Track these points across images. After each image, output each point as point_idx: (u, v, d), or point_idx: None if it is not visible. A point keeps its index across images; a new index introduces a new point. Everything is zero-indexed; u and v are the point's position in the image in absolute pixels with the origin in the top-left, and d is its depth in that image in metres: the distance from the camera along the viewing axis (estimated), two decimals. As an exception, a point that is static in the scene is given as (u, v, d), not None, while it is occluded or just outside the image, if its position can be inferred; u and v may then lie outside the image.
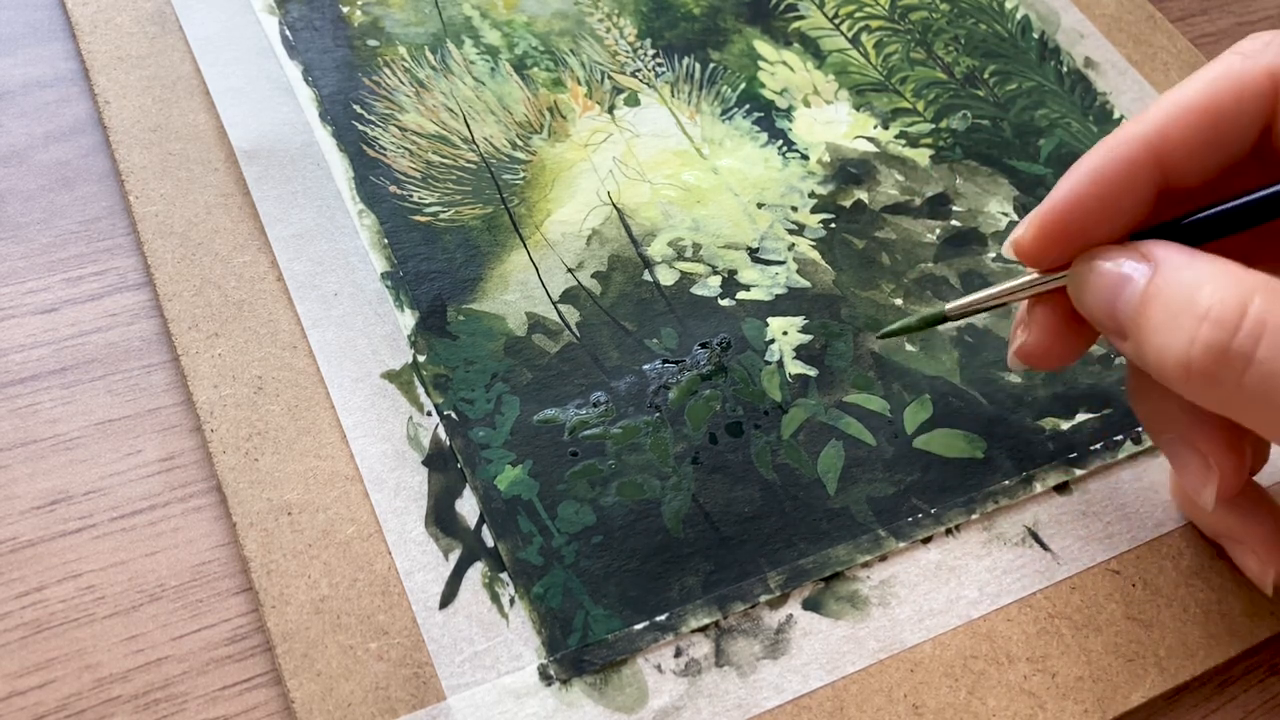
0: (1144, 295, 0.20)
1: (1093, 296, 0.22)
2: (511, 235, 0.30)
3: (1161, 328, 0.20)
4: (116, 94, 0.31)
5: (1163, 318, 0.20)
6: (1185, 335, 0.19)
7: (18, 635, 0.23)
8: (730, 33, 0.37)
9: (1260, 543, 0.25)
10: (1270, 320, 0.19)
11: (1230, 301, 0.19)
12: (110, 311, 0.28)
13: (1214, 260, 0.20)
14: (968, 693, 0.24)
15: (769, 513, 0.26)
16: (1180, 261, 0.20)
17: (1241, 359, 0.19)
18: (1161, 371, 0.20)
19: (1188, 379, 0.20)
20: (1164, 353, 0.20)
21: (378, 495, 0.25)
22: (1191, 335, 0.19)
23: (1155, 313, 0.20)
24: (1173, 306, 0.20)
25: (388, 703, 0.22)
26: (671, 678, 0.24)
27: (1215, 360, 0.19)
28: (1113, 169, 0.22)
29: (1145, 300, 0.20)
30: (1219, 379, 0.19)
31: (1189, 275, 0.20)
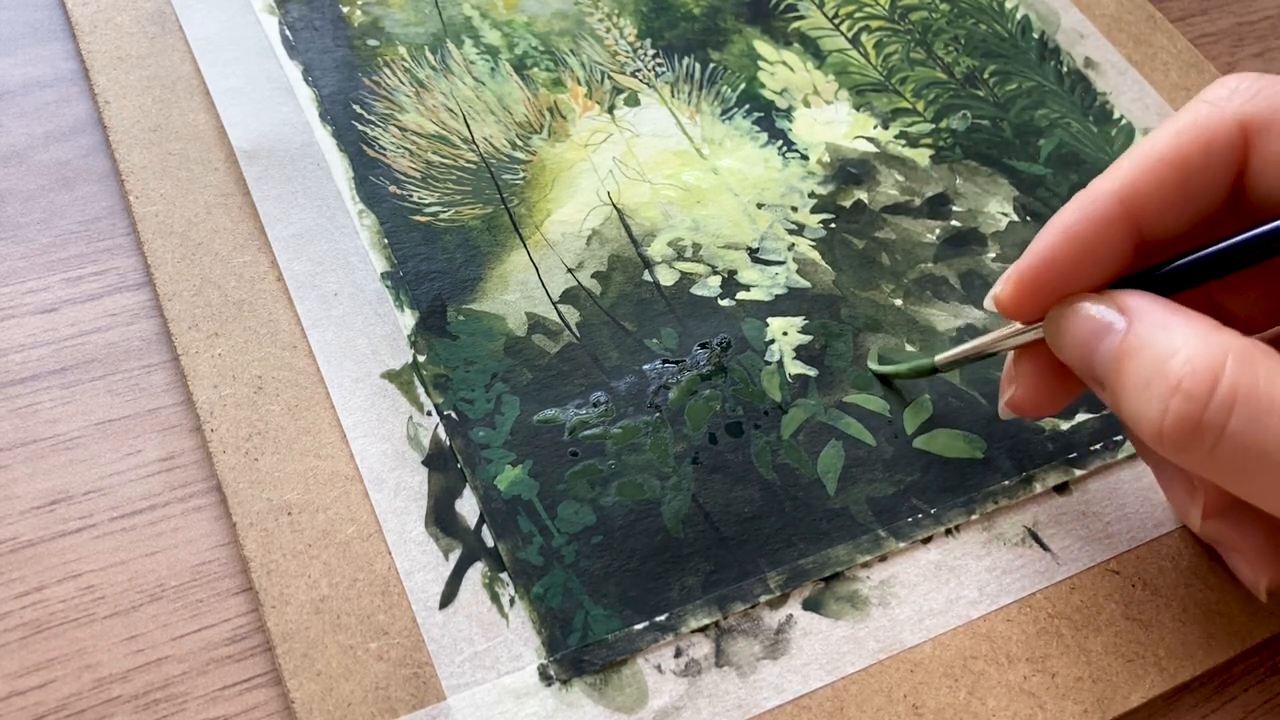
0: (1119, 352, 0.21)
1: (1069, 346, 0.22)
2: (511, 235, 0.30)
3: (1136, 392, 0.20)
4: (116, 94, 0.31)
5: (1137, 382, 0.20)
6: (1159, 404, 0.19)
7: (17, 635, 0.23)
8: (730, 33, 0.37)
9: (1252, 550, 0.25)
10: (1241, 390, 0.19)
11: (1201, 372, 0.19)
12: (110, 311, 0.28)
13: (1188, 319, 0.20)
14: (968, 693, 0.24)
15: (769, 513, 0.26)
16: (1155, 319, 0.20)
17: (1213, 432, 0.19)
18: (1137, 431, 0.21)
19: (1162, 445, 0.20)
20: (1139, 417, 0.20)
21: (378, 495, 0.25)
22: (1164, 405, 0.19)
23: (1130, 375, 0.20)
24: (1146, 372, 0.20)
25: (388, 703, 0.22)
26: (671, 678, 0.24)
27: (1188, 433, 0.19)
28: (1085, 225, 0.22)
29: (1120, 357, 0.20)
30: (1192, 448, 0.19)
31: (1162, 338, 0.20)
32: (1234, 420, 0.19)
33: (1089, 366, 0.22)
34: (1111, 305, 0.21)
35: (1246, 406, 0.19)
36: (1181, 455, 0.20)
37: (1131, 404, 0.20)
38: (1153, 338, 0.20)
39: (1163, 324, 0.20)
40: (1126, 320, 0.21)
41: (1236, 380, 0.19)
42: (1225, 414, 0.19)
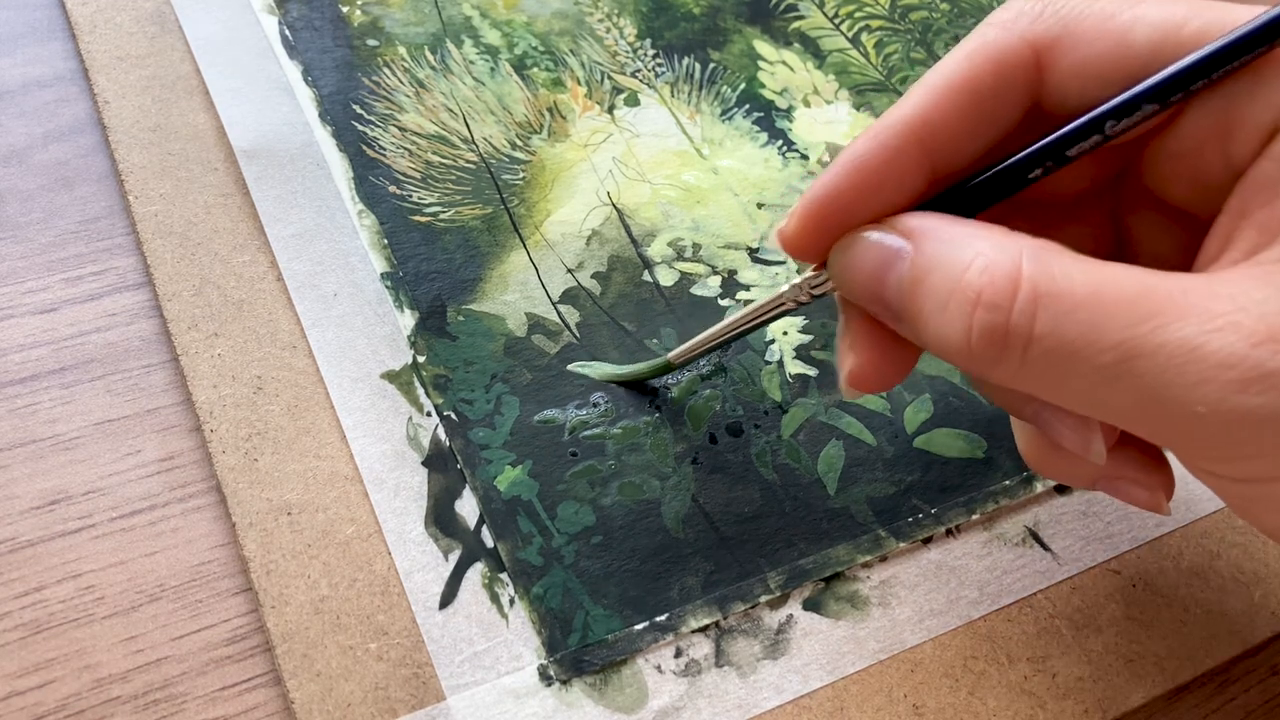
0: (910, 278, 0.20)
1: (857, 281, 0.21)
2: (511, 235, 0.30)
3: (935, 315, 0.19)
4: (116, 94, 0.31)
5: (934, 305, 0.19)
6: (961, 322, 0.19)
7: (17, 635, 0.23)
8: (730, 33, 0.37)
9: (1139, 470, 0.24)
10: (1042, 289, 0.18)
11: (1000, 280, 0.18)
12: (110, 311, 0.28)
13: (975, 228, 0.19)
14: (968, 693, 0.24)
15: (769, 513, 0.26)
16: (941, 235, 0.19)
17: (1021, 338, 0.18)
18: (945, 356, 0.20)
19: (972, 362, 0.19)
20: (944, 341, 0.19)
21: (377, 495, 0.25)
22: (967, 322, 0.19)
23: (926, 299, 0.19)
24: (942, 292, 0.19)
25: (387, 703, 0.22)
26: (671, 678, 0.24)
27: (997, 345, 0.18)
28: (875, 155, 0.21)
29: (913, 283, 0.19)
30: (1004, 359, 0.19)
31: (952, 252, 0.19)
32: (1039, 323, 0.18)
33: (882, 301, 0.20)
34: (894, 230, 0.20)
35: (1050, 305, 0.18)
36: (994, 369, 0.19)
37: (933, 329, 0.19)
38: (943, 255, 0.19)
39: (950, 239, 0.19)
40: (912, 243, 0.20)
41: (1036, 280, 0.18)
42: (1030, 317, 0.18)
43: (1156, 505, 0.24)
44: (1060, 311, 0.18)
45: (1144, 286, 0.18)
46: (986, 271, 0.18)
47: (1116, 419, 0.19)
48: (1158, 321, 0.17)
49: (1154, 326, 0.17)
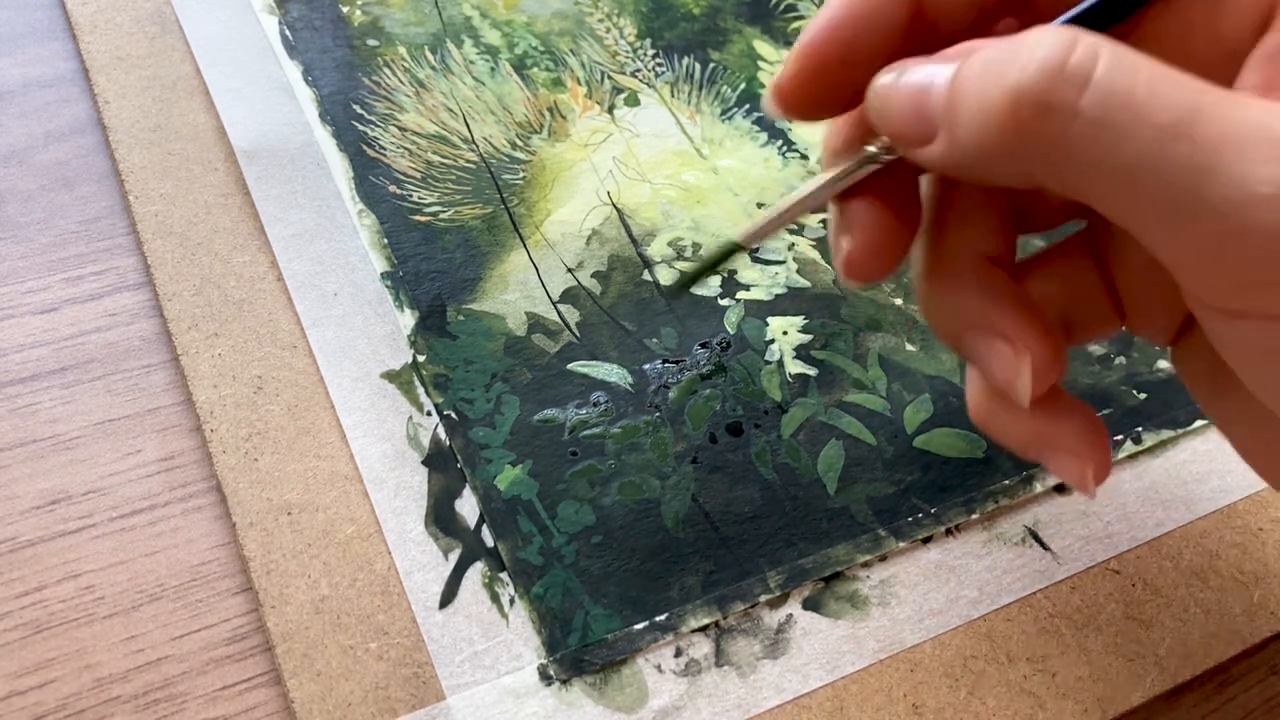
0: (958, 73, 0.18)
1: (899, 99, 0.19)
2: (511, 235, 0.30)
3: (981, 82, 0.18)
4: (116, 94, 0.31)
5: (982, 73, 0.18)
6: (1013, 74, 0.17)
7: (17, 635, 0.23)
8: (730, 33, 0.37)
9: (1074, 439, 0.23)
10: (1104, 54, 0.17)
11: (1061, 33, 0.17)
12: (110, 311, 0.28)
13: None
14: (968, 693, 0.24)
15: (769, 512, 0.26)
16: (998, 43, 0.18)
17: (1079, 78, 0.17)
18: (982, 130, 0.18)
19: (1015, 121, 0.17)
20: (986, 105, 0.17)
21: (377, 495, 0.25)
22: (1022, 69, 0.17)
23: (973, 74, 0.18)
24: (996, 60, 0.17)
25: (387, 703, 0.22)
26: (671, 678, 0.24)
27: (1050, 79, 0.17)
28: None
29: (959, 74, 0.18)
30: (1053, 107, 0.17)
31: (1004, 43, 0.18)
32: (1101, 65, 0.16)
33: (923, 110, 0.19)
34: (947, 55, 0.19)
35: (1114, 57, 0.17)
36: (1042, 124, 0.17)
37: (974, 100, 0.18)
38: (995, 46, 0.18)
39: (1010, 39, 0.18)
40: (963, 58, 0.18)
41: (1097, 44, 0.17)
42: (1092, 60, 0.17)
43: (1083, 480, 0.23)
44: (1124, 64, 0.17)
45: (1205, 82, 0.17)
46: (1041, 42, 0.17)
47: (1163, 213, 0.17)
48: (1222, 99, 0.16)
49: (1221, 99, 0.16)
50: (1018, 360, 0.21)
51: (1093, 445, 0.23)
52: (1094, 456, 0.23)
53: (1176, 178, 0.16)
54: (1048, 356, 0.21)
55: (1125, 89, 0.16)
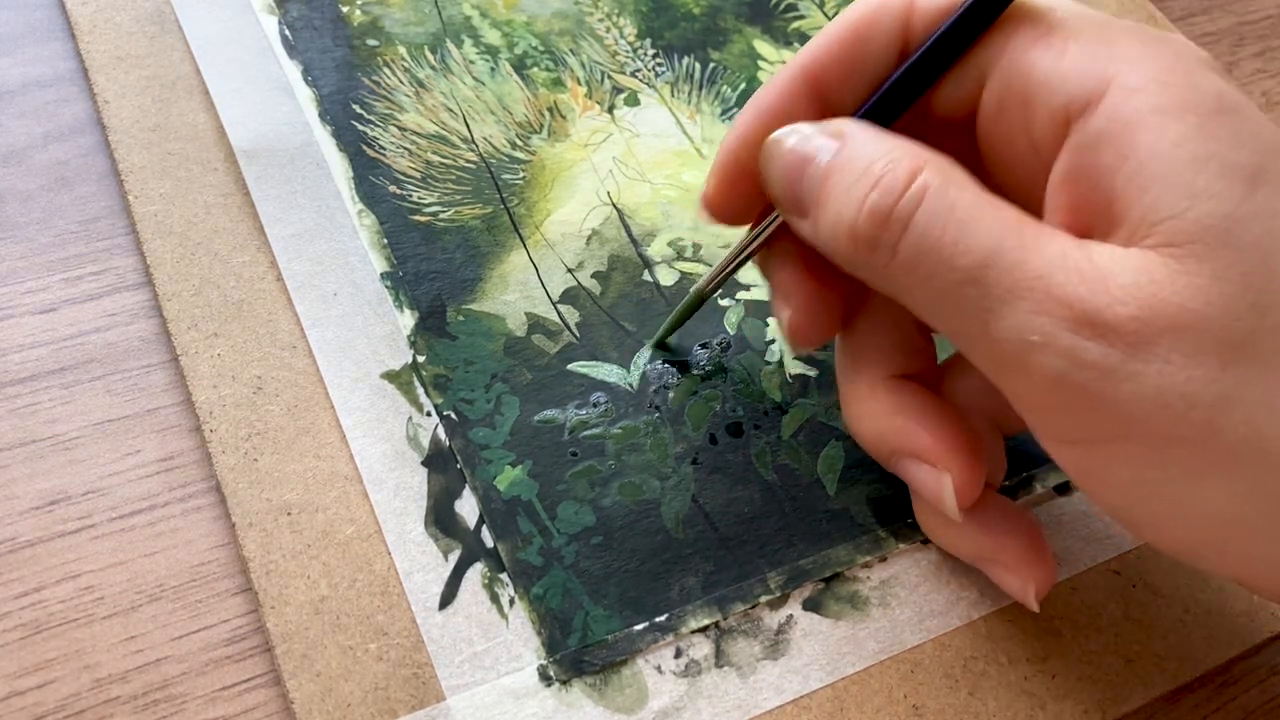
0: (828, 168, 0.21)
1: (779, 170, 0.22)
2: (511, 235, 0.30)
3: (838, 197, 0.21)
4: (116, 94, 0.31)
5: (842, 189, 0.20)
6: (857, 203, 0.20)
7: (16, 636, 0.23)
8: (730, 32, 0.37)
9: (1015, 558, 0.24)
10: (933, 189, 0.19)
11: (901, 169, 0.20)
12: (109, 311, 0.28)
13: (895, 136, 0.21)
14: (968, 693, 0.24)
15: (769, 513, 0.26)
16: (867, 136, 0.21)
17: (900, 224, 0.19)
18: (832, 242, 0.21)
19: (853, 246, 0.20)
20: (838, 222, 0.21)
21: (377, 495, 0.25)
22: (862, 201, 0.20)
23: (835, 184, 0.21)
24: (851, 177, 0.20)
25: (387, 703, 0.22)
26: (671, 678, 0.24)
27: (878, 224, 0.20)
28: (772, 100, 0.23)
29: (828, 173, 0.21)
30: (879, 244, 0.20)
31: (871, 149, 0.20)
32: (920, 213, 0.19)
33: (796, 191, 0.22)
34: (825, 130, 0.22)
35: (934, 202, 0.19)
36: (871, 256, 0.20)
37: (831, 213, 0.21)
38: (863, 150, 0.21)
39: (874, 139, 0.21)
40: (839, 143, 0.21)
41: (930, 180, 0.19)
42: (914, 206, 0.19)
43: (1025, 596, 0.24)
44: (942, 209, 0.19)
45: (1019, 221, 0.19)
46: (892, 161, 0.20)
47: (962, 336, 0.20)
48: (1019, 245, 0.19)
49: (1014, 247, 0.19)
50: (939, 481, 0.23)
51: (1033, 562, 0.24)
52: (1034, 574, 0.24)
53: (970, 315, 0.19)
54: (968, 473, 0.23)
55: (936, 234, 0.19)
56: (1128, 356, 0.18)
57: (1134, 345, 0.18)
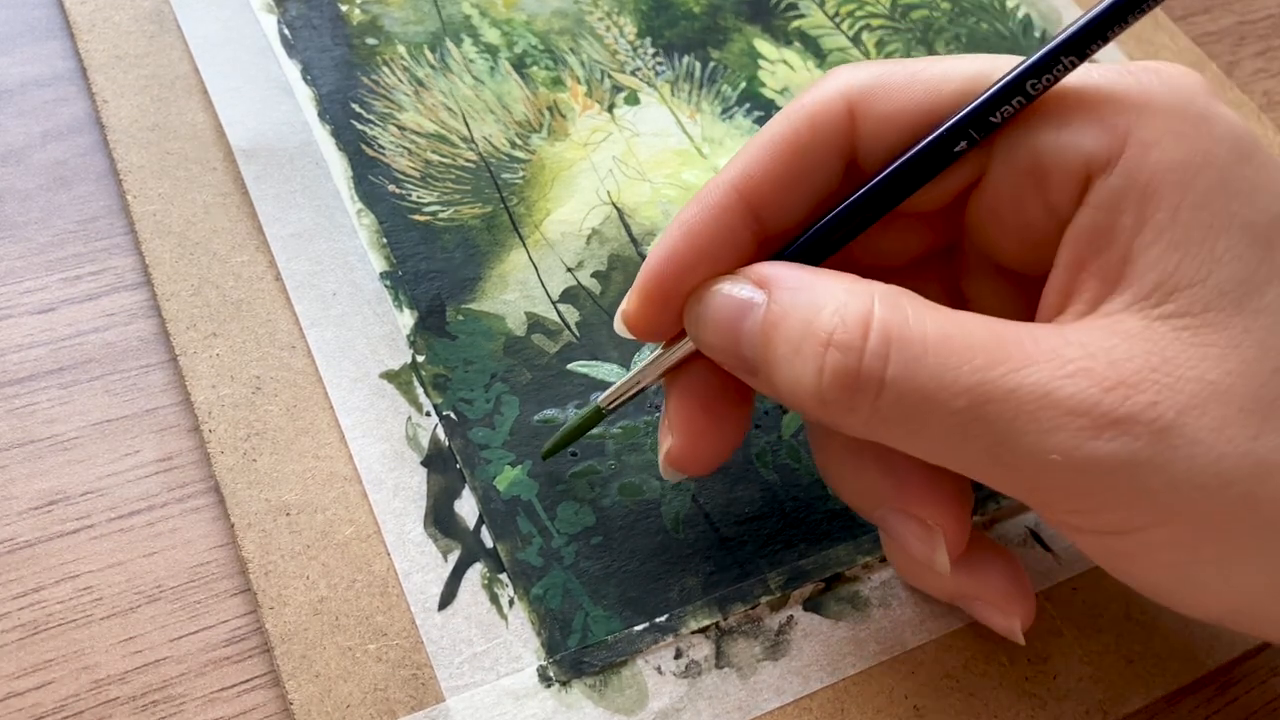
0: (764, 325, 0.19)
1: (712, 334, 0.21)
2: (511, 235, 0.30)
3: (788, 361, 0.19)
4: (114, 93, 0.31)
5: (787, 351, 0.19)
6: (813, 365, 0.18)
7: (15, 636, 0.23)
8: (730, 31, 0.37)
9: (998, 595, 0.23)
10: (894, 333, 0.18)
11: (852, 321, 0.18)
12: (108, 311, 0.28)
13: (829, 276, 0.19)
14: (969, 694, 0.24)
15: (769, 513, 0.26)
16: (794, 283, 0.19)
17: (873, 382, 0.18)
18: (797, 405, 0.20)
19: (825, 409, 0.19)
20: (795, 388, 0.19)
21: (376, 496, 0.25)
22: (819, 364, 0.18)
23: (779, 345, 0.19)
24: (795, 337, 0.19)
25: (386, 704, 0.22)
26: (671, 679, 0.24)
27: (849, 389, 0.18)
28: (702, 219, 0.21)
29: (766, 330, 0.19)
30: (856, 406, 0.18)
31: (806, 297, 0.19)
32: (891, 365, 0.18)
33: (737, 353, 0.20)
34: (747, 280, 0.20)
35: (901, 349, 0.18)
36: (847, 417, 0.19)
37: (785, 376, 0.19)
38: (796, 301, 0.19)
39: (803, 285, 0.19)
40: (765, 292, 0.20)
41: (887, 323, 0.18)
42: (882, 361, 0.18)
43: (1011, 632, 0.24)
44: (912, 355, 0.18)
45: (995, 334, 0.18)
46: (838, 313, 0.18)
47: (973, 470, 0.19)
48: (1010, 366, 0.17)
49: (1006, 371, 0.17)
50: (931, 538, 0.22)
51: (1015, 597, 0.24)
52: (1018, 609, 0.23)
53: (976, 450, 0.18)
54: (960, 527, 0.22)
55: (918, 383, 0.18)
56: (1155, 446, 0.17)
57: (1159, 432, 0.17)
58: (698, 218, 0.21)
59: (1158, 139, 0.18)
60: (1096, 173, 0.19)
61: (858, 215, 0.21)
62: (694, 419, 0.23)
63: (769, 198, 0.21)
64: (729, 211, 0.21)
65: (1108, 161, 0.19)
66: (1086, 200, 0.19)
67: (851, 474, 0.23)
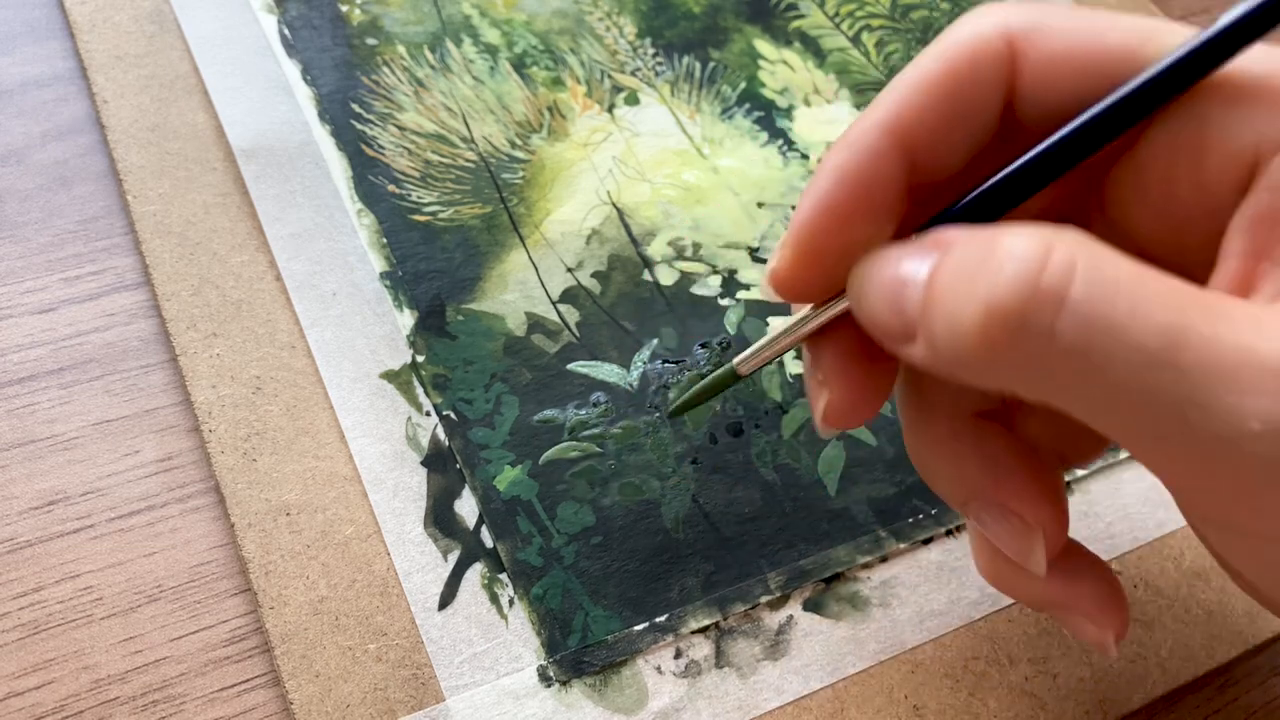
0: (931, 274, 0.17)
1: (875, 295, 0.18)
2: (511, 235, 0.30)
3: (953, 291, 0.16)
4: (114, 93, 0.31)
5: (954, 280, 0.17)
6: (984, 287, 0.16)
7: (16, 636, 0.23)
8: (730, 31, 0.37)
9: (1092, 604, 0.22)
10: (1081, 257, 0.16)
11: (1035, 245, 0.16)
12: (108, 311, 0.28)
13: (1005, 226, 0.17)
14: (969, 694, 0.24)
15: (769, 513, 0.26)
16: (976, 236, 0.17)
17: (1051, 303, 0.15)
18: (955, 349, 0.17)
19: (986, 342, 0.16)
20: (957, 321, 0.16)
21: (376, 496, 0.25)
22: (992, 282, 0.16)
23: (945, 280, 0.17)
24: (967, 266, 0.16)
25: (387, 704, 0.22)
26: (671, 679, 0.24)
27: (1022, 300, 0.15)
28: (855, 165, 0.19)
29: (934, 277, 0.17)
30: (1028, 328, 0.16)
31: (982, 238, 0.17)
32: (1076, 286, 0.15)
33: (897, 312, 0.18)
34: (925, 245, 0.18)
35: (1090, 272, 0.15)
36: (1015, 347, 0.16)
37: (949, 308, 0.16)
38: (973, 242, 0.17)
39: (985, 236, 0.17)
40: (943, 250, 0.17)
41: (1074, 246, 0.16)
42: (1066, 279, 0.15)
43: (1104, 645, 0.22)
44: (1101, 279, 0.15)
45: (1191, 288, 0.16)
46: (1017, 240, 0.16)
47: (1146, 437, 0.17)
48: (1206, 317, 0.15)
49: (1206, 316, 0.15)
50: (1030, 536, 0.21)
51: (1110, 609, 0.22)
52: (1113, 621, 0.22)
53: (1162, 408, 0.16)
54: (1059, 527, 0.21)
55: (1105, 311, 0.15)
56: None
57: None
58: (851, 163, 0.19)
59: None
60: (1267, 155, 0.17)
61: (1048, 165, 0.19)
62: (849, 372, 0.21)
63: (925, 142, 0.19)
64: (883, 157, 0.19)
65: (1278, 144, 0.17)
66: (1258, 184, 0.18)
67: (948, 462, 0.22)
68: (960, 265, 0.17)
